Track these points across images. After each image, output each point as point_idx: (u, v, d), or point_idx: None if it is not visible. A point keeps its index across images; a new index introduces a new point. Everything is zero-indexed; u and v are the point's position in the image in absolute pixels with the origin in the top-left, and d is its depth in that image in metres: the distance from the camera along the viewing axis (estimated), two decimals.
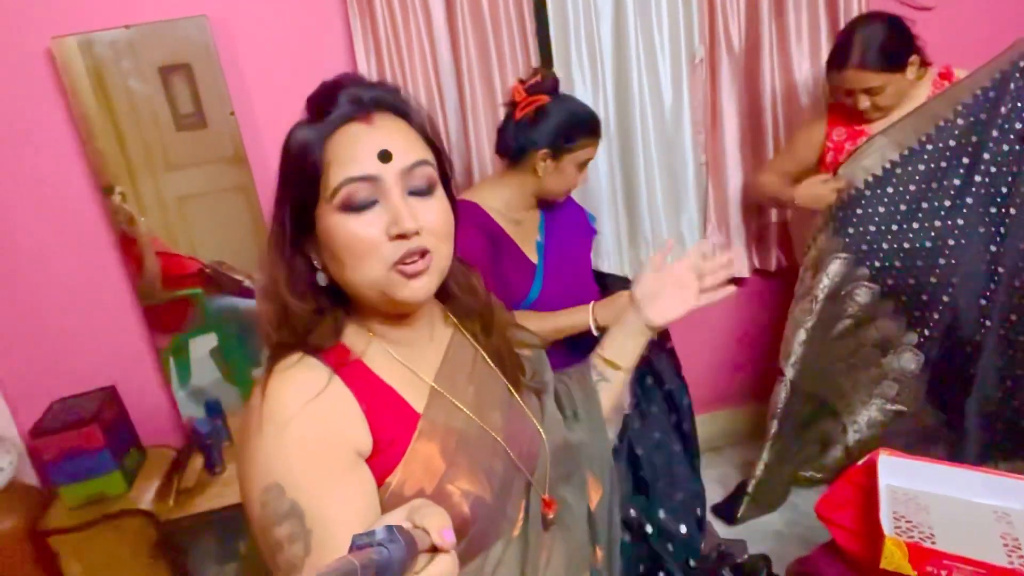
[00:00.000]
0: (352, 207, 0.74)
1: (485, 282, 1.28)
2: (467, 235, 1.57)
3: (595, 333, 1.60)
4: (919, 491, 1.49)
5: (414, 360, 0.84)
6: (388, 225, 0.75)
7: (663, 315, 1.05)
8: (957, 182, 1.95)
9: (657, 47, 2.27)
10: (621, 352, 1.07)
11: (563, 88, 2.21)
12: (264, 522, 0.70)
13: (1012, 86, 1.85)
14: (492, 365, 0.91)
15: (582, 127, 1.66)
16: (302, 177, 0.76)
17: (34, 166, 2.00)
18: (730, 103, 2.36)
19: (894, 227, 2.00)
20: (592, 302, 1.64)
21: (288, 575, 0.69)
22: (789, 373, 2.20)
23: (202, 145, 2.06)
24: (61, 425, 1.95)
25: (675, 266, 1.08)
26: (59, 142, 1.99)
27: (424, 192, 0.78)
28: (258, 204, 2.11)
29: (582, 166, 1.69)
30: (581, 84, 2.25)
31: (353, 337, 0.83)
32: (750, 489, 2.36)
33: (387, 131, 0.76)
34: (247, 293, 2.21)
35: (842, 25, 2.22)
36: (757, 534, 2.30)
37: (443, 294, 0.89)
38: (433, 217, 0.77)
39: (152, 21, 1.93)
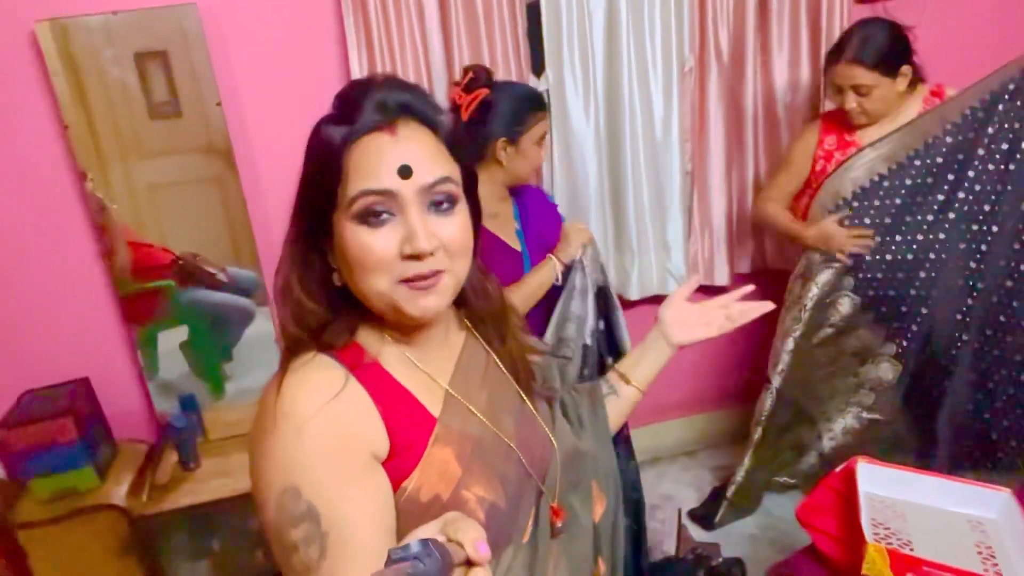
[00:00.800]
0: (368, 219, 0.73)
1: None
2: None
3: (558, 281, 1.72)
4: (896, 499, 1.52)
5: (429, 364, 0.84)
6: (402, 242, 0.73)
7: (688, 336, 1.11)
8: (941, 198, 1.99)
9: (648, 54, 2.29)
10: (636, 367, 1.11)
11: (555, 93, 2.26)
12: (280, 523, 0.69)
13: (1000, 107, 1.90)
14: (504, 371, 0.91)
15: (529, 105, 1.71)
16: (322, 182, 0.75)
17: (11, 151, 1.95)
18: (716, 112, 2.40)
19: (877, 239, 2.05)
20: (549, 253, 1.73)
21: None
22: (775, 381, 2.23)
23: (177, 134, 2.02)
24: (32, 417, 1.90)
25: (709, 304, 1.14)
26: (39, 126, 1.94)
27: (444, 208, 0.76)
28: (239, 196, 2.08)
29: (539, 141, 1.73)
30: (572, 89, 2.26)
31: (368, 338, 0.82)
32: (729, 494, 2.39)
33: (410, 144, 0.75)
34: (219, 286, 2.18)
35: (824, 38, 2.28)
36: (731, 537, 2.34)
37: (458, 298, 0.88)
38: (451, 234, 0.76)
39: (141, 8, 1.89)
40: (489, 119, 1.67)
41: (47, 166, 1.98)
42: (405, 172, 0.73)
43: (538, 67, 2.26)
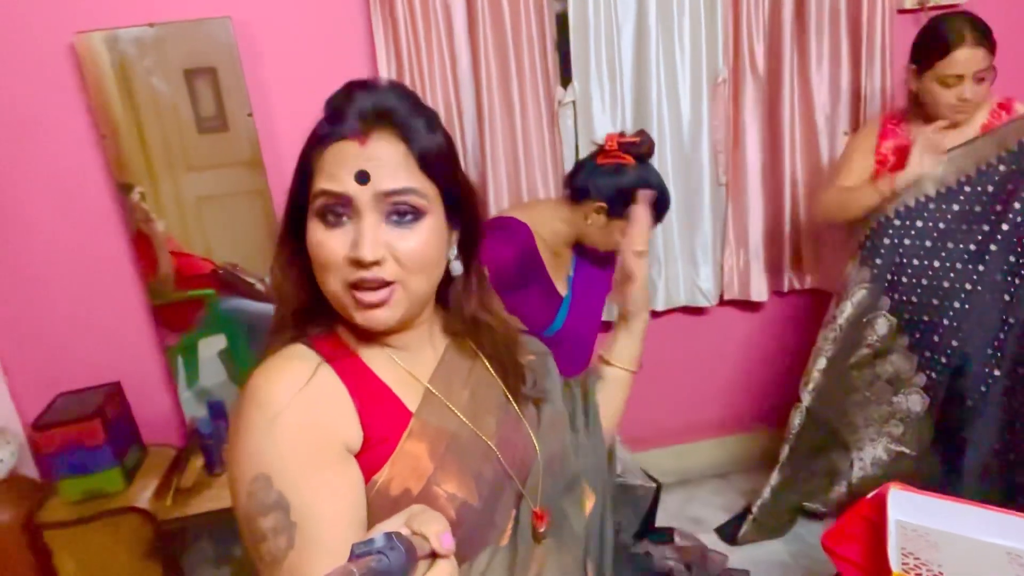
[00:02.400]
0: (326, 218, 0.75)
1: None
2: (505, 249, 1.60)
3: None
4: (929, 528, 1.45)
5: (411, 361, 0.84)
6: (350, 246, 0.74)
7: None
8: (987, 228, 1.91)
9: (678, 65, 2.26)
10: (612, 346, 1.10)
11: (580, 103, 2.24)
12: (249, 512, 0.69)
13: None
14: (491, 371, 0.90)
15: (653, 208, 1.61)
16: (301, 176, 0.78)
17: (52, 160, 2.02)
18: (752, 124, 2.35)
19: (915, 261, 1.97)
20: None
21: (270, 567, 0.68)
22: (806, 399, 2.17)
23: (222, 148, 2.07)
24: (63, 419, 1.95)
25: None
26: (78, 138, 2.01)
27: (407, 220, 0.76)
28: (272, 207, 2.12)
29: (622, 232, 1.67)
30: (599, 100, 2.25)
31: (350, 333, 0.83)
32: (754, 510, 2.33)
33: (377, 153, 0.75)
34: (258, 296, 2.21)
35: (865, 47, 2.21)
36: (762, 564, 2.25)
37: (445, 302, 0.89)
38: (408, 247, 0.75)
39: (176, 20, 1.94)
40: (609, 180, 1.62)
41: (86, 178, 2.05)
42: (362, 178, 0.74)
43: (566, 78, 2.25)
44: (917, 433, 2.12)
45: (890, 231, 1.99)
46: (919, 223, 1.96)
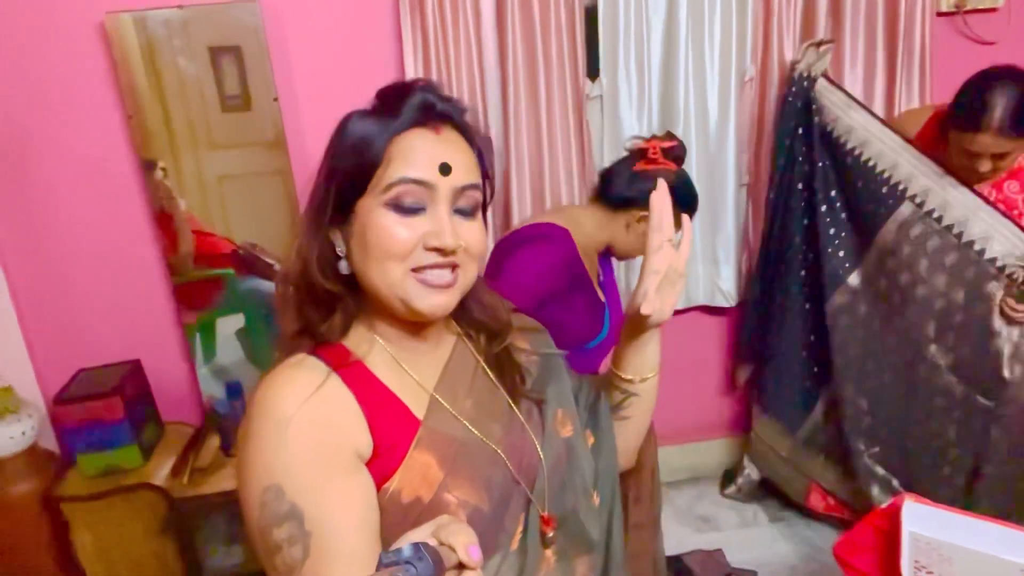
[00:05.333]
0: (401, 207, 0.76)
1: (549, 313, 1.30)
2: (551, 255, 1.53)
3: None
4: (943, 541, 1.44)
5: (416, 366, 0.84)
6: (427, 235, 0.76)
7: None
8: None
9: (707, 62, 2.23)
10: (642, 367, 0.96)
11: (607, 98, 2.22)
12: (263, 523, 0.69)
13: None
14: (492, 377, 0.89)
15: (683, 206, 1.52)
16: (358, 165, 0.77)
17: (78, 139, 2.03)
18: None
19: None
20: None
21: None
22: None
23: (245, 127, 2.07)
24: (84, 394, 1.98)
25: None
26: (105, 116, 2.02)
27: (468, 214, 0.80)
28: (294, 189, 2.12)
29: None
30: (626, 95, 2.23)
31: (356, 338, 0.82)
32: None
33: (452, 146, 0.78)
34: (277, 276, 2.22)
35: (901, 50, 2.16)
36: (771, 567, 2.26)
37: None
38: (473, 238, 0.79)
39: (205, 3, 1.94)
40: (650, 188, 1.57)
41: (111, 156, 2.06)
42: (445, 169, 0.76)
43: (593, 72, 2.23)
44: None
45: None
46: None
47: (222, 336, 2.26)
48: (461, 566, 0.52)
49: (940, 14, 2.27)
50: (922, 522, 1.46)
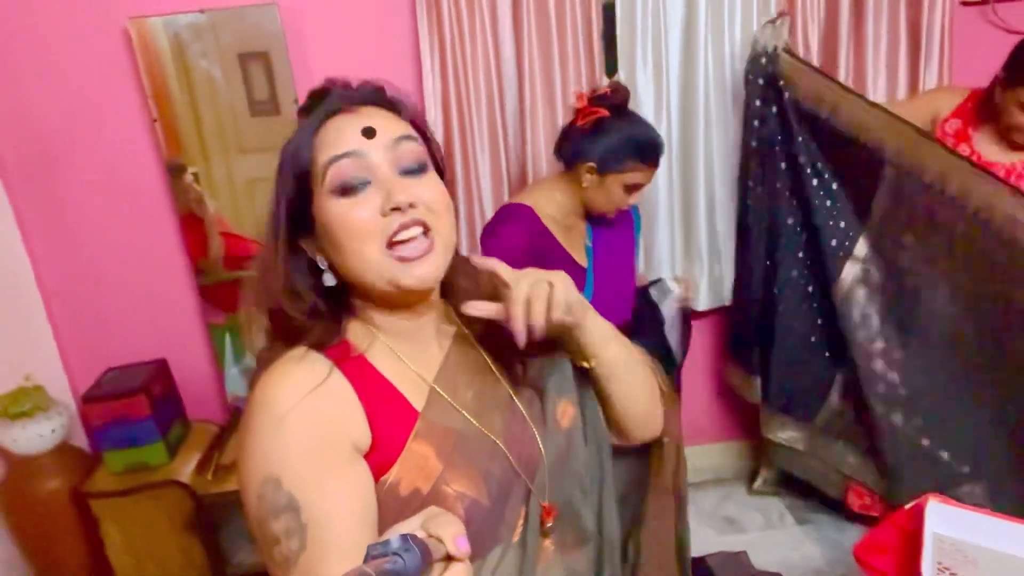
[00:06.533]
0: (344, 190, 0.75)
1: None
2: (512, 236, 1.61)
3: None
4: (968, 542, 1.40)
5: (416, 357, 0.84)
6: (382, 203, 0.75)
7: None
8: None
9: (727, 57, 2.21)
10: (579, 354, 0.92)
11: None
12: (260, 514, 0.70)
13: None
14: (493, 369, 0.89)
15: (633, 151, 1.63)
16: (295, 171, 0.78)
17: (106, 142, 2.08)
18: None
19: None
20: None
21: (283, 569, 0.68)
22: None
23: (273, 131, 2.10)
24: (111, 393, 2.02)
25: None
26: (130, 120, 2.07)
27: (415, 171, 0.78)
28: None
29: (630, 189, 1.67)
30: (645, 93, 2.21)
31: (358, 334, 0.83)
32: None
33: (372, 114, 0.78)
34: None
35: (924, 38, 2.13)
36: (796, 570, 2.21)
37: (450, 292, 0.88)
38: (428, 193, 0.77)
39: (225, 7, 1.98)
40: (593, 140, 1.63)
41: (138, 159, 2.11)
42: (368, 132, 0.76)
43: (611, 69, 2.21)
44: None
45: None
46: None
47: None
48: (449, 557, 0.52)
49: (966, 3, 2.22)
50: (946, 522, 1.42)
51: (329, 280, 0.80)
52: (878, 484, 2.17)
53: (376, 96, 0.81)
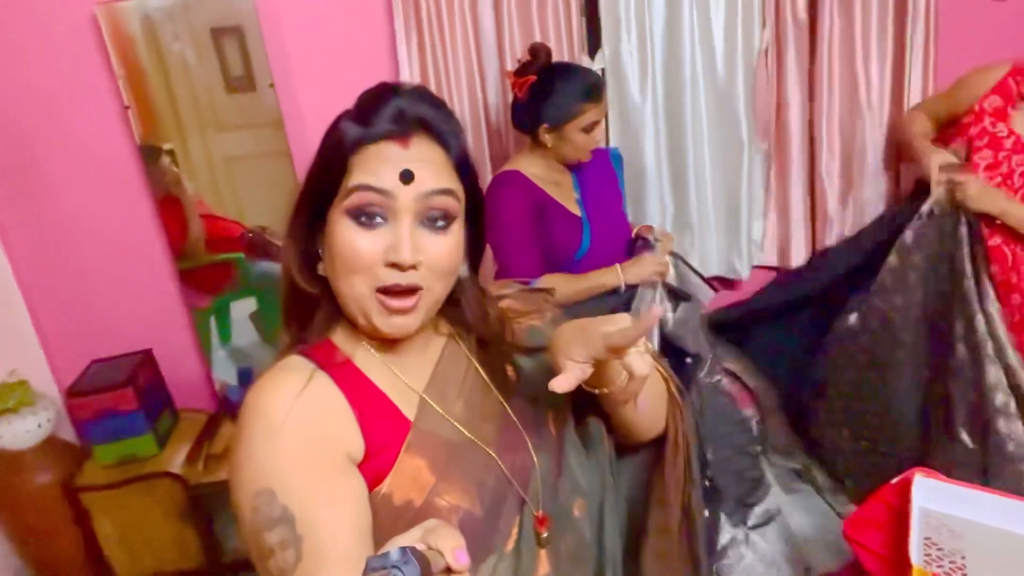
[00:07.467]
0: (360, 217, 0.74)
1: (533, 244, 1.71)
2: (512, 199, 1.74)
3: (622, 290, 1.77)
4: (955, 516, 1.41)
5: (404, 367, 0.82)
6: (387, 249, 0.74)
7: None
8: None
9: (713, 27, 2.16)
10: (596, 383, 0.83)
11: (611, 70, 2.16)
12: (255, 527, 0.69)
13: None
14: (485, 377, 0.88)
15: (573, 97, 1.71)
16: (328, 171, 0.77)
17: (77, 128, 2.04)
18: (795, 88, 2.22)
19: None
20: (618, 264, 1.78)
21: None
22: None
23: (250, 108, 2.07)
24: (97, 386, 2.01)
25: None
26: (101, 105, 2.03)
27: (438, 225, 0.76)
28: (295, 171, 2.11)
29: (588, 129, 1.74)
30: (630, 66, 2.17)
31: (343, 336, 0.82)
32: None
33: (419, 154, 0.75)
34: None
35: (910, 19, 2.08)
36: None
37: (446, 305, 0.85)
38: (439, 252, 0.76)
39: None
40: (534, 105, 1.72)
41: (112, 144, 2.07)
42: (407, 177, 0.74)
43: (594, 45, 2.17)
44: None
45: None
46: None
47: (236, 319, 2.28)
48: (449, 570, 0.52)
49: None
50: (933, 497, 1.43)
51: (321, 269, 0.80)
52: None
53: (430, 119, 0.77)
